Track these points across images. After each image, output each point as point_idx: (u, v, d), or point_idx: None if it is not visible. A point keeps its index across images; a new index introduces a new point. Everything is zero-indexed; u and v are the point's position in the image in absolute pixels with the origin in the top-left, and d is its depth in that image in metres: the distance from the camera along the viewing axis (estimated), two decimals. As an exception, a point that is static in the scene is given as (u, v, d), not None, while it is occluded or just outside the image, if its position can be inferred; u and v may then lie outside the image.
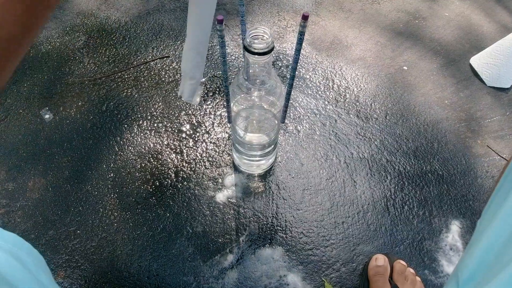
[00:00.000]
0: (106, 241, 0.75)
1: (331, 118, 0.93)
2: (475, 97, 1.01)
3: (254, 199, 0.80)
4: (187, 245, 0.74)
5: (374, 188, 0.83)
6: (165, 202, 0.79)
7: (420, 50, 1.10)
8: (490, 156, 0.90)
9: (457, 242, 0.78)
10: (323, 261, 0.74)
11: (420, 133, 0.92)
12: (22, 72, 1.01)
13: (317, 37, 1.11)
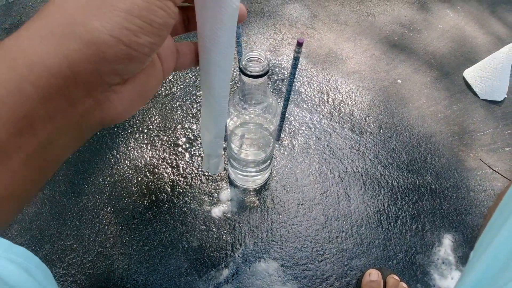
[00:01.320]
0: (103, 256, 0.75)
1: (326, 132, 0.94)
2: (468, 110, 1.02)
3: (250, 213, 0.81)
4: (183, 259, 0.75)
5: (367, 202, 0.84)
6: (161, 216, 0.80)
7: (414, 63, 1.11)
8: (482, 169, 0.91)
9: (449, 256, 0.79)
10: (317, 276, 0.75)
11: (414, 147, 0.93)
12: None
13: (312, 50, 1.12)
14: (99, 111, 0.22)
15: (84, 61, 0.19)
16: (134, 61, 0.20)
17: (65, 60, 0.18)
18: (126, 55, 0.20)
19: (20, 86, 0.18)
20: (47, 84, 0.18)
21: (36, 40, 0.18)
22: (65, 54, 0.18)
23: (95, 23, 0.18)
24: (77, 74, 0.19)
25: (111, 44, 0.19)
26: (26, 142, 0.19)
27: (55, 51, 0.18)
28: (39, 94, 0.18)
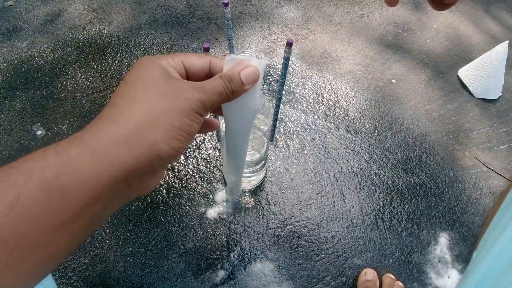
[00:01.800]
0: (98, 258, 0.75)
1: (321, 133, 0.94)
2: (463, 109, 1.02)
3: (245, 214, 0.81)
4: (178, 261, 0.75)
5: (363, 202, 0.84)
6: (157, 218, 0.80)
7: (408, 63, 1.12)
8: (478, 167, 0.92)
9: (445, 255, 0.79)
10: (313, 276, 0.75)
11: (409, 146, 0.94)
12: (14, 87, 1.02)
13: (307, 51, 1.12)
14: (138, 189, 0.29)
15: (146, 160, 0.26)
16: (176, 158, 0.29)
17: (135, 160, 0.26)
18: (174, 155, 0.28)
19: (99, 176, 0.24)
20: (118, 175, 0.25)
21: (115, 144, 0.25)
22: (135, 156, 0.26)
23: (158, 136, 0.27)
24: (138, 168, 0.26)
25: (166, 150, 0.27)
26: (89, 212, 0.25)
27: (129, 155, 0.26)
28: (110, 182, 0.25)
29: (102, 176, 0.25)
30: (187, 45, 1.13)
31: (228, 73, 0.32)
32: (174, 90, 0.28)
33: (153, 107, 0.27)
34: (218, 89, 0.31)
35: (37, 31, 1.17)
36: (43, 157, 0.24)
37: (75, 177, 0.24)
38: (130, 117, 0.26)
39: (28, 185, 0.23)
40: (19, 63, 1.08)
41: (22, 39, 1.15)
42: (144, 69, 0.29)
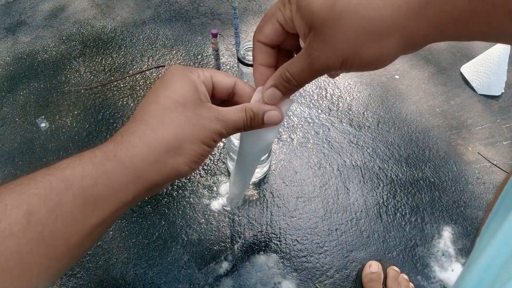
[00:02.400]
0: (102, 249, 0.75)
1: (324, 127, 0.94)
2: (466, 105, 1.03)
3: (249, 207, 0.81)
4: (182, 252, 0.75)
5: (367, 195, 0.84)
6: (161, 210, 0.80)
7: (411, 58, 1.12)
8: (481, 162, 0.92)
9: (449, 248, 0.79)
10: (317, 268, 0.75)
11: (412, 140, 0.94)
12: (19, 81, 1.02)
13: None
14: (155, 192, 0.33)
15: (168, 177, 0.30)
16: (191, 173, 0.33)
17: (160, 177, 0.29)
18: (190, 173, 0.32)
19: (127, 188, 0.28)
20: (143, 188, 0.29)
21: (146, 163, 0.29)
22: (161, 175, 0.29)
23: (182, 160, 0.30)
24: (161, 182, 0.30)
25: (186, 170, 0.31)
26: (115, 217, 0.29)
27: (156, 173, 0.29)
28: (136, 192, 0.29)
29: (130, 188, 0.28)
30: (190, 40, 1.13)
31: (253, 109, 0.34)
32: (200, 118, 0.31)
33: (181, 133, 0.30)
34: (238, 124, 0.33)
35: (41, 26, 1.17)
36: (81, 167, 0.27)
37: (109, 187, 0.27)
38: (161, 141, 0.29)
39: (68, 192, 0.26)
40: (23, 57, 1.08)
41: (26, 33, 1.15)
42: (175, 87, 0.31)
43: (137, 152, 0.29)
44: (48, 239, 0.25)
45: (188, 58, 1.08)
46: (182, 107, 0.31)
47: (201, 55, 1.09)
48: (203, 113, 0.31)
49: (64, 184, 0.26)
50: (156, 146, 0.29)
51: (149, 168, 0.29)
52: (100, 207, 0.27)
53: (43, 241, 0.25)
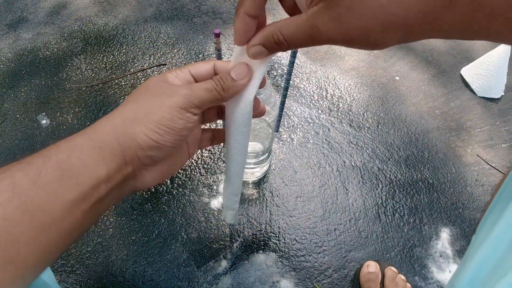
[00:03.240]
0: (102, 246, 0.76)
1: (324, 127, 0.94)
2: (465, 107, 1.03)
3: (248, 205, 0.81)
4: (181, 250, 0.75)
5: (365, 196, 0.84)
6: (161, 208, 0.80)
7: (412, 60, 1.13)
8: (479, 165, 0.92)
9: (446, 249, 0.79)
10: (315, 267, 0.75)
11: (411, 142, 0.94)
12: (20, 77, 1.03)
13: (311, 47, 1.13)
14: (134, 181, 0.34)
15: (129, 148, 0.31)
16: (160, 151, 0.32)
17: (121, 147, 0.31)
18: (155, 146, 0.32)
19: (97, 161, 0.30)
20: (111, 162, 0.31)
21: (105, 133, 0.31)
22: (120, 143, 0.31)
23: (137, 128, 0.31)
24: (126, 156, 0.31)
25: (145, 140, 0.31)
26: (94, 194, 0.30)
27: (116, 142, 0.31)
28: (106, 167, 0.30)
29: (100, 162, 0.30)
30: (192, 39, 1.13)
31: (220, 76, 0.34)
32: (163, 91, 0.33)
33: (140, 106, 0.32)
34: (206, 85, 0.33)
35: (43, 23, 1.17)
36: (56, 145, 0.30)
37: (81, 160, 0.29)
38: (120, 115, 0.32)
39: (46, 165, 0.28)
40: (25, 54, 1.08)
41: (27, 30, 1.15)
42: (150, 80, 0.35)
43: (99, 126, 0.31)
44: (32, 210, 0.26)
45: (190, 56, 1.08)
46: (149, 89, 0.34)
47: (202, 54, 1.09)
48: (166, 86, 0.33)
49: (42, 158, 0.28)
50: (115, 119, 0.32)
51: (109, 138, 0.31)
52: (76, 179, 0.28)
53: (27, 211, 0.26)
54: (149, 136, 0.31)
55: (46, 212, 0.27)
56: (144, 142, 0.31)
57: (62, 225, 0.28)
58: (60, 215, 0.27)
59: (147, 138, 0.31)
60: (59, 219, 0.27)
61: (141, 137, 0.31)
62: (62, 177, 0.28)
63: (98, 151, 0.30)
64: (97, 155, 0.30)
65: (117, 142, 0.31)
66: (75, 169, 0.28)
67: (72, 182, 0.28)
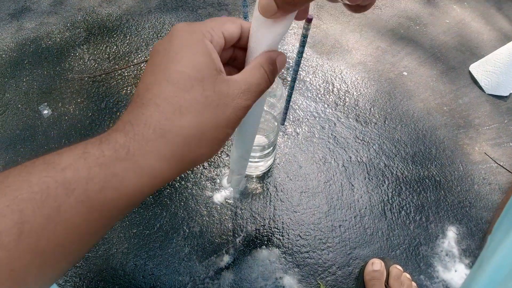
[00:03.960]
0: (102, 239, 0.74)
1: (330, 122, 0.93)
2: (473, 104, 1.01)
3: (252, 200, 0.80)
4: (183, 244, 0.74)
5: (371, 192, 0.83)
6: (163, 201, 0.79)
7: (420, 56, 1.11)
8: (487, 163, 0.91)
9: (453, 248, 0.78)
10: (319, 264, 0.74)
11: (419, 138, 0.92)
12: (22, 67, 1.01)
13: (318, 40, 1.11)
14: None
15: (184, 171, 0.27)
16: None
17: (176, 173, 0.26)
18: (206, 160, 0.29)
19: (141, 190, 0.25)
20: (157, 186, 0.26)
21: (161, 160, 0.25)
22: (178, 171, 0.26)
23: (203, 151, 0.27)
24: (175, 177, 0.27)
25: (204, 160, 0.28)
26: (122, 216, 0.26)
27: (174, 171, 0.26)
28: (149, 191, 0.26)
29: (145, 189, 0.25)
30: (196, 31, 1.12)
31: (270, 62, 0.30)
32: (222, 97, 0.27)
33: (201, 119, 0.26)
34: (262, 87, 0.30)
35: (46, 12, 1.15)
36: (86, 167, 0.23)
37: (119, 191, 0.24)
38: (179, 133, 0.25)
39: (69, 198, 0.22)
40: (27, 43, 1.07)
41: (30, 19, 1.13)
42: (187, 59, 0.26)
43: (153, 149, 0.25)
44: (45, 250, 0.22)
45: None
46: (199, 85, 0.26)
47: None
48: (224, 90, 0.27)
49: (64, 188, 0.22)
50: (175, 140, 0.25)
51: (166, 166, 0.25)
52: (107, 212, 0.24)
53: (39, 253, 0.22)
54: (209, 155, 0.28)
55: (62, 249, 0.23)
56: (203, 161, 0.28)
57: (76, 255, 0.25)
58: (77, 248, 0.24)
59: (206, 158, 0.28)
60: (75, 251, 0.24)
61: (203, 159, 0.28)
62: (89, 213, 0.23)
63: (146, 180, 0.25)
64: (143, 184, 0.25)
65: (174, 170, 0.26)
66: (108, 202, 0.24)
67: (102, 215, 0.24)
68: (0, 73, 1.00)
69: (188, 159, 0.26)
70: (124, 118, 0.26)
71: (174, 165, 0.26)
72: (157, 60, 0.27)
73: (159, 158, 0.25)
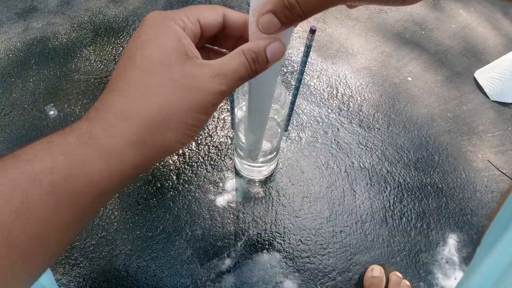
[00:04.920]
0: (106, 240, 0.75)
1: (334, 127, 0.93)
2: (478, 111, 1.01)
3: (254, 204, 0.81)
4: (185, 247, 0.75)
5: (373, 198, 0.83)
6: (166, 203, 0.80)
7: (425, 61, 1.10)
8: (490, 170, 0.91)
9: (453, 256, 0.78)
10: (319, 269, 0.74)
11: (422, 145, 0.93)
12: (28, 67, 1.02)
13: (323, 44, 1.11)
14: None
15: (156, 158, 0.26)
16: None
17: (146, 159, 0.26)
18: (181, 148, 0.28)
19: (109, 177, 0.24)
20: (127, 173, 0.25)
21: (127, 145, 0.24)
22: (147, 156, 0.25)
23: (171, 136, 0.26)
24: (148, 164, 0.26)
25: (177, 147, 0.27)
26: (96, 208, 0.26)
27: (142, 156, 0.25)
28: (120, 180, 0.25)
29: (112, 175, 0.24)
30: (202, 33, 1.12)
31: (252, 49, 0.27)
32: (192, 80, 0.26)
33: (168, 102, 0.25)
34: (240, 74, 0.27)
35: (53, 12, 1.16)
36: (49, 157, 0.23)
37: (86, 179, 0.23)
38: (142, 115, 0.25)
39: (36, 189, 0.22)
40: (34, 43, 1.08)
41: (37, 19, 1.14)
42: (155, 44, 0.26)
43: (116, 132, 0.24)
44: (18, 243, 0.22)
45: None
46: (166, 69, 0.25)
47: (212, 49, 1.08)
48: (194, 73, 0.26)
49: (31, 180, 0.22)
50: (139, 123, 0.25)
51: (133, 150, 0.25)
52: (76, 202, 0.23)
53: (12, 246, 0.22)
54: (181, 141, 0.26)
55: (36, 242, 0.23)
56: (176, 149, 0.27)
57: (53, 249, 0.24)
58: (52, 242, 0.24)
59: (179, 145, 0.26)
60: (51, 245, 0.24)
61: (173, 145, 0.26)
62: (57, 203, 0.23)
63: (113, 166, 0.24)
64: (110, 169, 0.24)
65: (142, 156, 0.25)
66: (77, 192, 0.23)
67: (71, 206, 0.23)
68: (7, 72, 1.01)
69: (157, 143, 0.25)
70: (93, 106, 0.26)
71: (142, 150, 0.25)
72: (128, 48, 0.27)
73: (124, 141, 0.24)
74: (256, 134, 0.47)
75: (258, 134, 0.48)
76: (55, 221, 0.23)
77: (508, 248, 0.34)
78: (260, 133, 0.48)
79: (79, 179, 0.23)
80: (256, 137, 0.49)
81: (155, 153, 0.26)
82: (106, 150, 0.24)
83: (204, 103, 0.26)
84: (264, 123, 0.45)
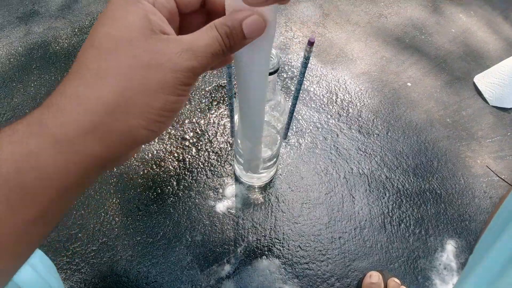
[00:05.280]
0: (107, 246, 0.76)
1: (333, 133, 0.94)
2: (477, 116, 1.01)
3: (254, 210, 0.81)
4: (185, 253, 0.76)
5: (372, 204, 0.84)
6: (166, 209, 0.80)
7: (425, 66, 1.11)
8: (489, 176, 0.91)
9: (451, 262, 0.79)
10: (318, 275, 0.75)
11: (421, 151, 0.93)
12: (30, 72, 1.03)
13: (323, 49, 1.11)
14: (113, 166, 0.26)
15: (120, 147, 0.23)
16: (156, 137, 0.25)
17: (107, 149, 0.22)
18: (153, 137, 0.24)
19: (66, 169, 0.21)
20: (87, 165, 0.22)
21: (82, 133, 0.21)
22: (107, 145, 0.22)
23: (133, 122, 0.22)
24: (111, 155, 0.23)
25: (144, 135, 0.23)
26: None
27: (99, 145, 0.22)
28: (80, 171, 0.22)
29: (70, 167, 0.21)
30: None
31: (226, 23, 0.25)
32: (156, 57, 0.22)
33: (128, 84, 0.22)
34: (213, 49, 0.24)
35: (54, 17, 1.17)
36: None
37: (38, 172, 0.21)
38: (98, 99, 0.22)
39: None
40: (35, 48, 1.08)
41: (38, 24, 1.15)
42: (115, 20, 0.23)
43: (68, 119, 0.21)
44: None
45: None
46: (125, 45, 0.22)
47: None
48: (158, 48, 0.23)
49: None
50: (95, 108, 0.21)
51: (89, 139, 0.21)
52: (32, 198, 0.21)
53: None
54: (150, 129, 0.23)
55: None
56: (144, 137, 0.23)
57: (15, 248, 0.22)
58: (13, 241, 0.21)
59: (147, 132, 0.23)
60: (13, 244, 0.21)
61: (141, 132, 0.23)
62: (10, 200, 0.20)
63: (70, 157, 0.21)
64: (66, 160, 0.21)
65: (100, 145, 0.22)
66: (30, 186, 0.20)
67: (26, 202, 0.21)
68: (9, 77, 1.02)
69: (119, 132, 0.22)
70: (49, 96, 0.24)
71: (102, 139, 0.22)
72: (92, 28, 0.24)
73: (79, 129, 0.21)
74: (251, 141, 0.45)
75: (254, 141, 0.45)
76: (11, 219, 0.21)
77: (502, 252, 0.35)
78: (256, 140, 0.45)
79: (31, 172, 0.20)
80: (253, 145, 0.46)
81: (119, 143, 0.23)
82: (58, 140, 0.21)
83: (171, 81, 0.23)
84: (258, 129, 0.42)
